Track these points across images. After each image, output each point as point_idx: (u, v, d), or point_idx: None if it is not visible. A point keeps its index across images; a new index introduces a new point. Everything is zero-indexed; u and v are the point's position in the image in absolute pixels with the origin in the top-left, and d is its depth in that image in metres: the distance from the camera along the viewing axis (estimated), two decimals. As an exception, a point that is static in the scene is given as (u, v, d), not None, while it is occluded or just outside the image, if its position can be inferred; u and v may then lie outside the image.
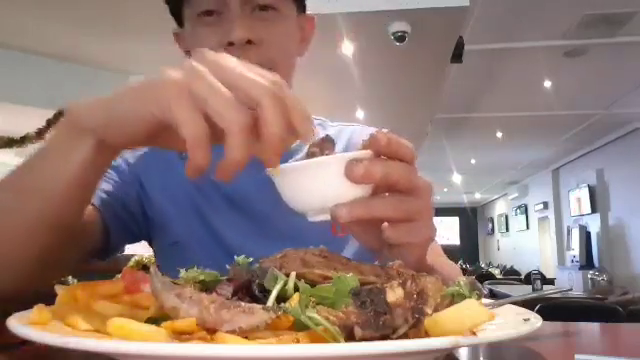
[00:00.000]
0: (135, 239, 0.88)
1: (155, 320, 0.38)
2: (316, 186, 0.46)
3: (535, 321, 0.42)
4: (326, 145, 0.49)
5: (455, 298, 0.39)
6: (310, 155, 0.48)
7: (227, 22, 0.76)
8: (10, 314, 0.41)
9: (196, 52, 0.45)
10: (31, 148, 5.08)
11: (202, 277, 0.48)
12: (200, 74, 0.42)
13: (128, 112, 0.45)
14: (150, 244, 0.92)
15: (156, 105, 0.43)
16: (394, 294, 0.34)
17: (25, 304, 0.44)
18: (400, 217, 0.49)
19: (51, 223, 0.54)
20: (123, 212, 0.82)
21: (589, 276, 7.70)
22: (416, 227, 0.50)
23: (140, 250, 3.56)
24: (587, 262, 8.41)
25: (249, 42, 0.75)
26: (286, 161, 0.48)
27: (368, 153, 0.47)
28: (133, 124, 0.46)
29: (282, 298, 0.40)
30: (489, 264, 14.52)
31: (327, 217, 0.46)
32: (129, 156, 0.87)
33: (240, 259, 0.49)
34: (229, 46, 0.74)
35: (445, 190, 14.26)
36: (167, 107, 0.42)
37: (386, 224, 0.50)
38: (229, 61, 0.44)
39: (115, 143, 0.49)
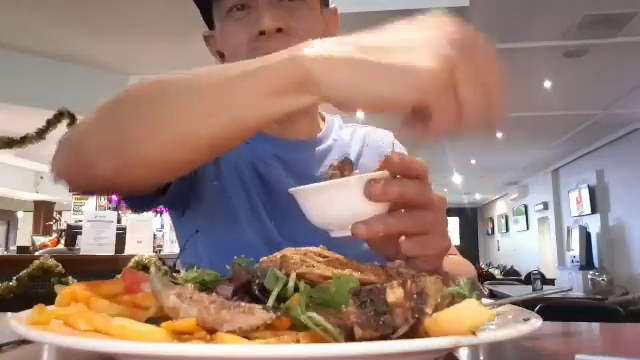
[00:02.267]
0: (181, 199, 0.85)
1: (155, 320, 0.38)
2: (337, 205, 0.49)
3: (535, 321, 0.42)
4: (346, 167, 0.53)
5: (455, 298, 0.39)
6: (331, 177, 0.52)
7: (256, 14, 0.77)
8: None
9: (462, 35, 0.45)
10: (31, 148, 5.09)
11: (202, 277, 0.48)
12: (465, 67, 0.43)
13: (380, 92, 0.42)
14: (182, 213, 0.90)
15: (417, 92, 0.41)
16: (394, 294, 0.34)
17: (25, 304, 0.44)
18: (416, 231, 0.52)
19: (208, 143, 0.51)
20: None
21: (589, 276, 7.69)
22: (431, 239, 0.52)
23: (140, 250, 3.56)
24: (587, 262, 8.40)
25: (279, 30, 0.76)
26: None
27: (385, 173, 0.50)
28: (381, 104, 0.43)
29: (282, 298, 0.40)
30: (489, 264, 14.53)
31: (348, 233, 0.49)
32: None
33: (240, 259, 0.49)
34: (260, 35, 0.76)
35: (445, 190, 14.25)
36: (428, 96, 0.41)
37: (403, 238, 0.53)
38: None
39: (347, 109, 0.46)
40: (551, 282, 8.41)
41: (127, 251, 3.63)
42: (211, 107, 0.49)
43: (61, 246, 4.66)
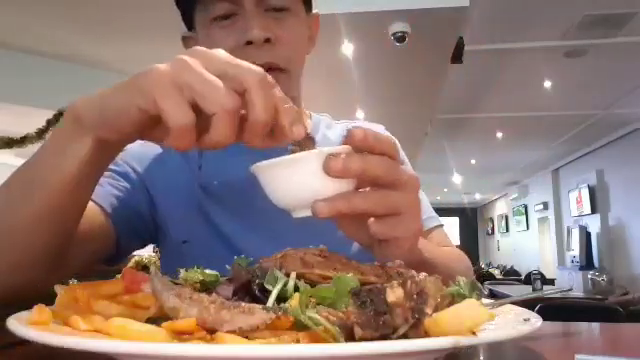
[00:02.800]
0: (144, 243, 0.89)
1: (155, 320, 0.38)
2: (296, 182, 0.46)
3: (535, 321, 0.42)
4: (306, 143, 0.49)
5: (455, 298, 0.39)
6: (291, 153, 0.48)
7: (242, 23, 0.77)
8: (10, 314, 0.41)
9: (188, 49, 0.46)
10: (31, 148, 5.08)
11: (202, 277, 0.48)
12: (186, 64, 0.43)
13: (117, 107, 0.46)
14: (157, 245, 0.93)
15: (141, 97, 0.44)
16: (394, 294, 0.34)
17: (25, 304, 0.44)
18: (384, 211, 0.49)
19: (52, 218, 0.54)
20: (134, 218, 0.82)
21: (589, 276, 7.70)
22: (402, 221, 0.49)
23: (140, 250, 3.55)
24: (587, 262, 8.41)
25: (267, 41, 0.76)
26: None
27: (347, 148, 0.47)
28: (122, 118, 0.46)
29: (282, 298, 0.40)
30: (489, 264, 14.53)
31: (310, 213, 0.46)
32: (132, 160, 0.86)
33: (240, 259, 0.49)
34: (247, 45, 0.76)
35: (445, 190, 14.25)
36: (152, 98, 0.43)
37: (372, 219, 0.50)
38: (219, 52, 0.45)
39: (110, 139, 0.49)
40: (551, 282, 8.41)
41: (127, 251, 3.62)
42: (21, 204, 0.53)
43: (61, 246, 4.65)
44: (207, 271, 0.49)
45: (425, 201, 0.93)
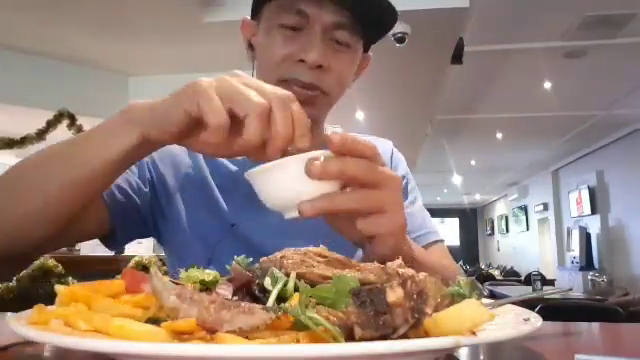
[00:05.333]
0: (142, 235, 0.90)
1: (155, 320, 0.38)
2: (282, 185, 0.51)
3: (535, 321, 0.42)
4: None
5: (455, 298, 0.39)
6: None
7: (304, 41, 0.80)
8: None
9: (229, 73, 0.56)
10: (31, 148, 5.08)
11: (202, 277, 0.48)
12: (225, 79, 0.53)
13: (166, 108, 0.55)
14: (159, 241, 0.94)
15: (188, 102, 0.52)
16: (394, 294, 0.34)
17: (25, 304, 0.44)
18: (367, 209, 0.52)
19: (76, 192, 0.62)
20: (132, 211, 0.84)
21: (589, 277, 7.69)
22: (385, 218, 0.52)
23: (140, 251, 3.55)
24: (587, 263, 8.40)
25: (318, 67, 0.80)
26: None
27: (325, 152, 0.50)
28: (170, 121, 0.55)
29: (282, 298, 0.40)
30: (489, 265, 14.51)
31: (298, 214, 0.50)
32: (148, 159, 0.89)
33: (240, 259, 0.50)
34: (299, 62, 0.80)
35: (445, 191, 14.25)
36: (196, 102, 0.51)
37: (359, 218, 0.53)
38: (251, 78, 0.55)
39: (153, 136, 0.57)
40: (551, 283, 8.41)
41: (127, 251, 3.62)
42: (60, 168, 0.61)
43: (61, 246, 4.64)
44: (207, 271, 0.49)
45: (425, 217, 0.98)
